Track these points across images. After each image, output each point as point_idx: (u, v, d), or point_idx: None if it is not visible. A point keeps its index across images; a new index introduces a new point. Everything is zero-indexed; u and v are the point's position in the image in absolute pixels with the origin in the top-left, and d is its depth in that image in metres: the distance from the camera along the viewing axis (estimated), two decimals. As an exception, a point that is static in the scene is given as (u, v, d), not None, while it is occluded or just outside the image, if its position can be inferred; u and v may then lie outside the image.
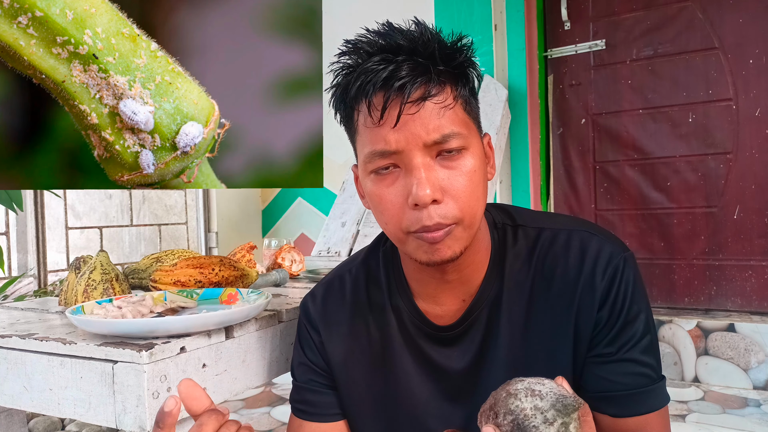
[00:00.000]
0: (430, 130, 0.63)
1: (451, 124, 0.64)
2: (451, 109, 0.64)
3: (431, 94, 0.63)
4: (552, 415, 0.50)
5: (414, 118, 0.63)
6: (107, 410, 0.68)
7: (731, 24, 2.30)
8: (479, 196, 0.66)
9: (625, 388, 0.67)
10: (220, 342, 0.77)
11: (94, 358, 0.68)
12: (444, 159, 0.64)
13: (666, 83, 2.42)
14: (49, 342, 0.72)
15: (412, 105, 0.62)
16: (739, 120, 2.29)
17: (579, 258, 0.69)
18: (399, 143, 0.63)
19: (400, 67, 0.63)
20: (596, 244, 0.70)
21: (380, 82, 0.63)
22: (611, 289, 0.68)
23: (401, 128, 0.63)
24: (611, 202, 2.54)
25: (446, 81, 0.65)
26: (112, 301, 0.83)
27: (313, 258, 1.87)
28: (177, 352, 0.70)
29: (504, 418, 0.52)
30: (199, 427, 0.53)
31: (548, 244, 0.72)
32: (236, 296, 0.89)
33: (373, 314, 0.79)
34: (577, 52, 2.59)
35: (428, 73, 0.63)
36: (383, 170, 0.66)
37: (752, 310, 2.26)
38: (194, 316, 0.71)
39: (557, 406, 0.51)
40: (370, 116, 0.64)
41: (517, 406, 0.51)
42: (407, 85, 0.62)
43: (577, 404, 0.51)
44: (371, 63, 0.64)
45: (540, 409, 0.51)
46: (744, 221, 2.28)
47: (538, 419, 0.50)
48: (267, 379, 0.87)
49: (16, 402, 0.75)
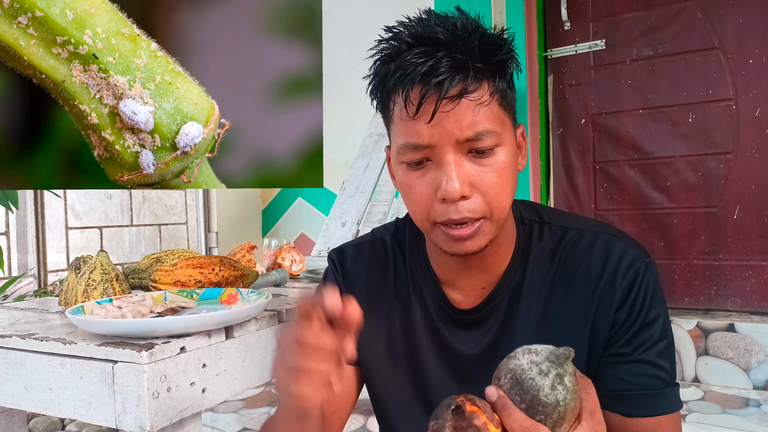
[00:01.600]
0: (463, 127, 0.63)
1: (485, 122, 0.64)
2: (487, 105, 0.64)
3: (468, 91, 0.63)
4: (546, 367, 0.53)
5: (449, 114, 0.63)
6: (107, 410, 0.68)
7: (731, 24, 2.30)
8: (508, 191, 0.67)
9: (638, 389, 0.67)
10: (220, 342, 0.77)
11: (94, 358, 0.68)
12: (476, 156, 0.65)
13: (666, 83, 2.42)
14: (49, 342, 0.72)
15: (449, 102, 0.63)
16: (739, 120, 2.29)
17: (602, 259, 0.70)
18: (432, 138, 0.64)
19: (439, 63, 0.62)
20: (620, 247, 0.71)
21: (419, 77, 0.63)
22: (631, 291, 0.68)
23: (436, 124, 0.64)
24: (611, 202, 2.54)
25: (484, 77, 0.65)
26: (112, 301, 0.83)
27: (313, 258, 1.87)
28: (177, 352, 0.70)
29: (504, 377, 0.54)
30: None
31: (573, 243, 0.73)
32: (236, 296, 0.89)
33: (396, 288, 0.80)
34: (577, 52, 2.59)
35: (467, 70, 0.63)
36: (415, 163, 0.67)
37: (752, 310, 2.26)
38: (194, 316, 0.71)
39: (551, 357, 0.53)
40: (406, 109, 0.65)
41: (515, 364, 0.54)
42: (445, 81, 0.62)
43: (568, 353, 0.53)
44: (411, 55, 0.64)
45: (535, 362, 0.53)
46: (744, 221, 2.28)
47: (533, 371, 0.53)
48: (267, 379, 0.87)
49: (16, 402, 0.75)
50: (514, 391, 0.53)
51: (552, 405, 0.52)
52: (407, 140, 0.66)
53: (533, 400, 0.52)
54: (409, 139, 0.66)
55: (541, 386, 0.52)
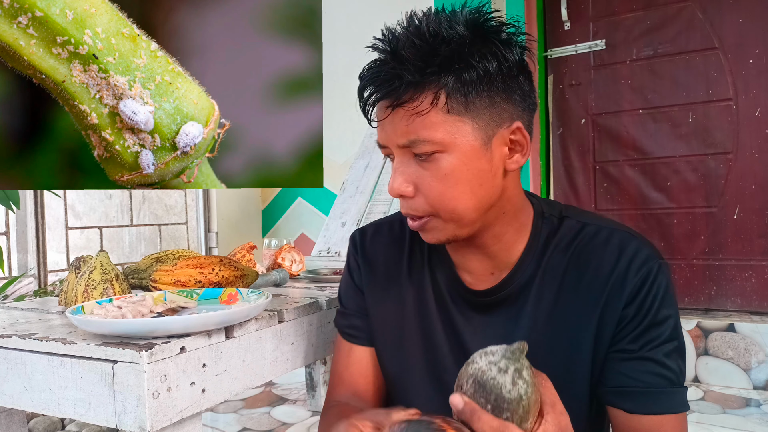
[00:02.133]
0: (399, 135, 0.67)
1: (420, 130, 0.66)
2: (424, 114, 0.65)
3: (402, 101, 0.65)
4: (504, 364, 0.54)
5: (389, 120, 0.68)
6: (107, 410, 0.68)
7: (731, 24, 2.30)
8: (455, 195, 0.68)
9: (643, 386, 0.68)
10: (220, 342, 0.77)
11: (94, 358, 0.68)
12: (419, 159, 0.68)
13: (666, 83, 2.42)
14: (49, 342, 0.72)
15: (384, 110, 0.67)
16: (739, 120, 2.29)
17: (616, 255, 0.71)
18: (383, 139, 0.71)
19: (379, 72, 0.67)
20: (635, 245, 0.71)
21: (368, 83, 0.68)
22: (642, 288, 0.69)
23: (383, 127, 0.69)
24: (611, 202, 2.54)
25: (424, 86, 0.64)
26: (112, 301, 0.83)
27: (313, 258, 1.87)
28: (177, 352, 0.70)
29: (466, 383, 0.55)
30: None
31: (588, 238, 0.73)
32: (236, 296, 0.89)
33: (411, 269, 0.82)
34: (577, 52, 2.59)
35: (397, 81, 0.65)
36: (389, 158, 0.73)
37: (752, 310, 2.26)
38: (194, 316, 0.71)
39: (507, 354, 0.55)
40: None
41: (474, 368, 0.56)
42: (380, 90, 0.67)
43: (522, 347, 0.55)
44: (372, 63, 0.69)
45: (493, 362, 0.55)
46: (744, 221, 2.28)
47: (493, 371, 0.54)
48: (267, 379, 0.87)
49: (16, 402, 0.75)
50: (479, 394, 0.54)
51: (516, 400, 0.53)
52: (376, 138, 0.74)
53: (498, 398, 0.53)
54: (375, 137, 0.73)
55: (503, 383, 0.53)
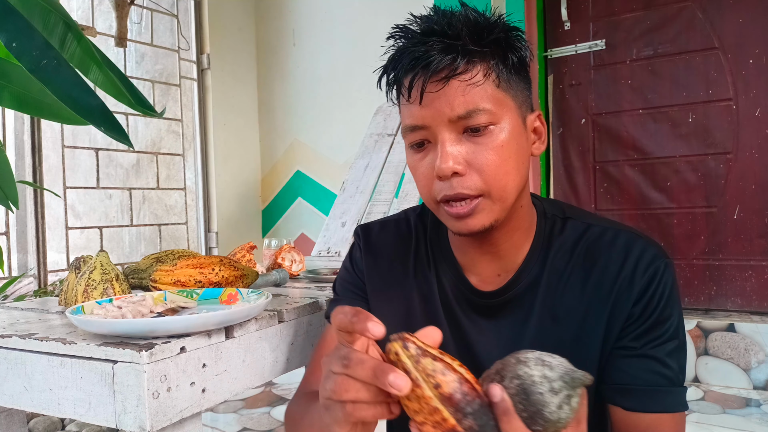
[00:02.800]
0: (454, 106, 0.66)
1: (477, 100, 0.66)
2: (479, 86, 0.66)
3: (457, 72, 0.65)
4: (559, 386, 0.51)
5: (439, 95, 0.66)
6: (107, 410, 0.67)
7: (731, 24, 2.30)
8: (509, 170, 0.68)
9: (643, 384, 0.68)
10: (220, 342, 0.77)
11: (94, 358, 0.68)
12: (471, 134, 0.67)
13: (666, 83, 2.42)
14: (49, 342, 0.72)
15: (438, 83, 0.66)
16: (739, 120, 2.29)
17: (622, 255, 0.71)
18: (425, 119, 0.67)
19: (430, 49, 0.66)
20: (641, 245, 0.71)
21: (410, 63, 0.67)
22: (649, 287, 0.69)
23: (427, 105, 0.67)
24: (611, 202, 2.54)
25: (477, 59, 0.67)
26: (112, 301, 0.83)
27: (313, 258, 1.87)
28: (177, 352, 0.70)
29: (510, 381, 0.52)
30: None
31: (594, 239, 0.73)
32: (236, 296, 0.89)
33: (416, 268, 0.82)
34: (577, 52, 2.59)
35: (454, 52, 0.65)
36: (417, 145, 0.71)
37: (752, 310, 2.26)
38: (194, 316, 0.71)
39: (566, 378, 0.51)
40: (402, 95, 0.70)
41: (526, 372, 0.52)
42: (432, 63, 0.65)
43: (585, 379, 0.52)
44: (408, 44, 0.68)
45: (548, 378, 0.51)
46: (744, 221, 2.28)
47: (544, 387, 0.51)
48: (267, 379, 0.87)
49: (16, 402, 0.75)
50: (519, 399, 0.51)
51: (553, 422, 0.51)
52: (405, 122, 0.71)
53: (536, 414, 0.51)
54: (407, 121, 0.70)
55: (549, 403, 0.51)
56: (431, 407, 0.48)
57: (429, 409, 0.48)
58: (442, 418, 0.48)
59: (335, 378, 0.51)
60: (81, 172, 3.00)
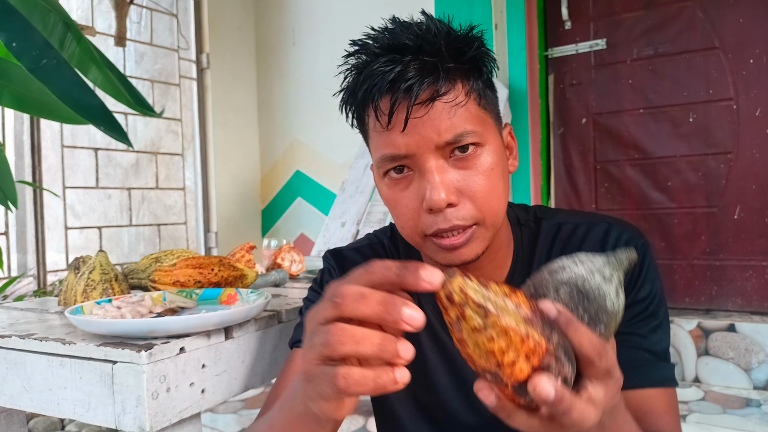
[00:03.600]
0: (441, 131, 0.60)
1: (464, 123, 0.61)
2: (464, 106, 0.61)
3: (440, 93, 0.60)
4: (609, 272, 0.46)
5: (423, 120, 0.60)
6: (107, 410, 0.67)
7: (731, 24, 2.30)
8: (499, 194, 0.64)
9: (626, 361, 0.63)
10: (220, 342, 0.77)
11: (93, 359, 0.68)
12: (458, 159, 0.62)
13: (666, 83, 2.41)
14: (49, 342, 0.71)
15: (421, 107, 0.60)
16: (739, 120, 2.29)
17: (598, 247, 0.70)
18: (410, 147, 0.61)
19: (406, 68, 0.60)
20: (615, 232, 0.70)
21: (386, 85, 0.60)
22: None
23: (411, 131, 0.60)
24: (612, 202, 2.54)
25: (456, 77, 0.62)
26: (111, 301, 0.82)
27: (313, 258, 1.87)
28: (176, 353, 0.70)
29: (556, 293, 0.46)
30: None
31: (566, 238, 0.72)
32: (236, 296, 0.89)
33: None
34: (577, 52, 2.59)
35: (436, 72, 0.60)
36: (396, 174, 0.64)
37: (753, 310, 2.26)
38: (193, 317, 0.71)
39: (611, 261, 0.46)
40: (379, 121, 0.62)
41: (571, 274, 0.46)
42: (414, 86, 0.59)
43: (630, 254, 0.47)
44: (378, 64, 0.61)
45: (595, 269, 0.46)
46: (744, 221, 2.28)
47: (597, 278, 0.45)
48: (267, 379, 0.87)
49: (15, 402, 0.75)
50: (573, 304, 0.45)
51: (614, 314, 0.46)
52: (384, 152, 0.63)
53: (598, 311, 0.45)
54: (386, 151, 0.63)
55: (607, 294, 0.45)
56: (520, 335, 0.39)
57: (518, 340, 0.39)
58: (536, 343, 0.40)
59: (327, 328, 0.40)
60: (80, 171, 3.00)
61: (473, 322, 0.39)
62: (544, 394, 0.39)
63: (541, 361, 0.40)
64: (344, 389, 0.39)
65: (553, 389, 0.39)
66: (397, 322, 0.38)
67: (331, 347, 0.39)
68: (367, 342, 0.39)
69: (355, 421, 1.88)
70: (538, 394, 0.39)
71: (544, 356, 0.40)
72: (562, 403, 0.40)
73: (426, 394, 0.76)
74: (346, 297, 0.40)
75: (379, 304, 0.39)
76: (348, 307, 0.40)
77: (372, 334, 0.39)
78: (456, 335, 0.40)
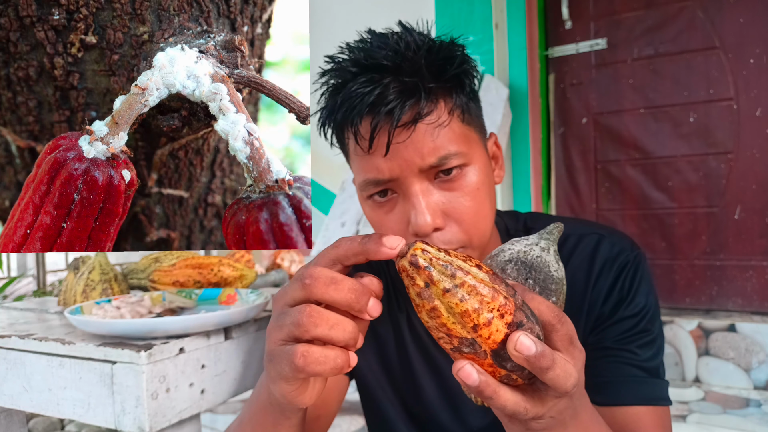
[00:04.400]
0: (425, 155, 0.58)
1: (448, 144, 0.59)
2: (447, 126, 0.59)
3: (423, 114, 0.58)
4: (545, 244, 0.48)
5: (406, 144, 0.58)
6: (106, 411, 0.67)
7: (732, 23, 2.29)
8: (486, 213, 0.62)
9: (613, 376, 0.63)
10: (219, 343, 0.77)
11: (93, 359, 0.68)
12: (443, 181, 0.60)
13: (667, 83, 2.41)
14: (48, 342, 0.71)
15: (403, 130, 0.58)
16: (740, 120, 2.29)
17: (587, 261, 0.69)
18: (393, 171, 0.59)
19: (386, 90, 0.57)
20: (607, 245, 0.69)
21: (366, 108, 0.58)
22: (616, 282, 0.67)
23: (393, 156, 0.58)
24: (613, 202, 2.54)
25: (439, 96, 0.59)
26: (110, 301, 0.82)
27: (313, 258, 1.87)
28: (176, 353, 0.70)
29: (503, 272, 0.47)
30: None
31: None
32: (235, 297, 0.89)
33: (390, 308, 0.78)
34: (578, 51, 2.59)
35: (417, 93, 0.57)
36: (381, 198, 0.62)
37: (753, 310, 2.26)
38: (193, 317, 0.71)
39: (543, 235, 0.48)
40: (359, 145, 0.60)
41: (511, 253, 0.48)
42: (395, 109, 0.57)
43: (560, 227, 0.49)
44: (356, 85, 0.58)
45: (532, 244, 0.48)
46: (745, 221, 2.28)
47: (536, 251, 0.47)
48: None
49: (15, 402, 0.75)
50: (524, 276, 0.46)
51: (560, 281, 0.47)
52: (368, 176, 0.61)
53: (546, 278, 0.46)
54: (369, 175, 0.61)
55: (549, 262, 0.47)
56: (491, 292, 0.39)
57: (489, 297, 0.39)
58: (506, 299, 0.39)
59: (299, 308, 0.40)
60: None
61: (442, 284, 0.38)
62: (526, 348, 0.37)
63: (514, 318, 0.39)
64: (302, 367, 0.39)
65: (533, 343, 0.38)
66: (363, 311, 0.40)
67: (303, 328, 0.40)
68: (339, 328, 0.40)
69: (355, 421, 1.88)
70: (520, 350, 0.38)
71: (515, 312, 0.39)
72: (544, 357, 0.38)
73: (415, 404, 0.76)
74: (317, 279, 0.40)
75: (351, 292, 0.40)
76: (318, 290, 0.40)
77: (344, 321, 0.40)
78: (426, 307, 0.39)
